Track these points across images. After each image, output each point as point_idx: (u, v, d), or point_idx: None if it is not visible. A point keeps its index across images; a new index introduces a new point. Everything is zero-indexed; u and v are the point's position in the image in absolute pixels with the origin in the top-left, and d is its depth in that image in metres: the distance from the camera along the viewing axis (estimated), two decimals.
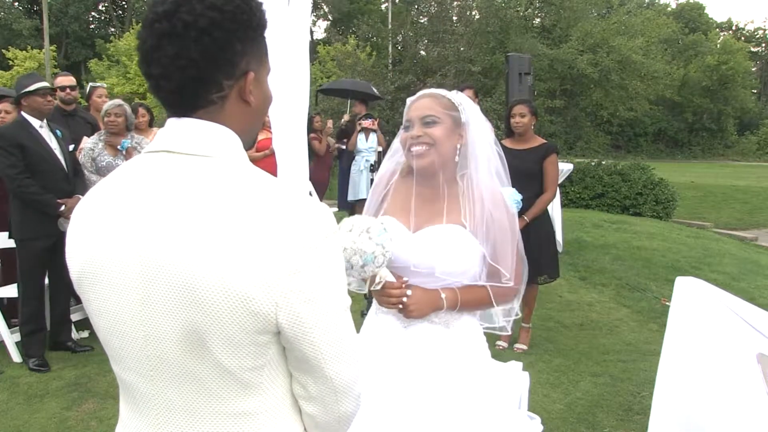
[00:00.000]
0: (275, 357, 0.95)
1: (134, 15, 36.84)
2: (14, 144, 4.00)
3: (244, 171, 0.95)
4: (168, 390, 0.95)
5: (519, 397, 2.04)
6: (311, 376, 0.96)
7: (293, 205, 0.92)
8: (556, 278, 4.59)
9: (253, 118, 1.04)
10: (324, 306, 0.92)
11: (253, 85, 0.99)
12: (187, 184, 0.92)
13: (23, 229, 4.10)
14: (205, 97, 0.96)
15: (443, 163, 1.79)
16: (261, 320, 0.89)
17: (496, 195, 1.81)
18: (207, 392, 0.94)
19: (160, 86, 0.96)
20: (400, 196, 1.87)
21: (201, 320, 0.88)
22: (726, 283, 5.92)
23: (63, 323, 4.43)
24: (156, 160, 0.97)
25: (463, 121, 1.79)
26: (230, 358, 0.91)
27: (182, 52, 0.91)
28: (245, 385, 0.94)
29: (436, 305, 1.75)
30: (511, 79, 7.94)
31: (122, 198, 0.96)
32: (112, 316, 0.96)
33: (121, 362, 1.00)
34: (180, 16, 0.91)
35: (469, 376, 1.79)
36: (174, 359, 0.93)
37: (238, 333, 0.89)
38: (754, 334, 1.88)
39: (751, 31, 50.74)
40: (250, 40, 0.98)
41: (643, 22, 27.65)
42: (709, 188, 16.60)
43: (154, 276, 0.90)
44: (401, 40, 23.76)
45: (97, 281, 0.96)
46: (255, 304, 0.88)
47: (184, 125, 0.97)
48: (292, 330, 0.91)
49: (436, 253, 1.75)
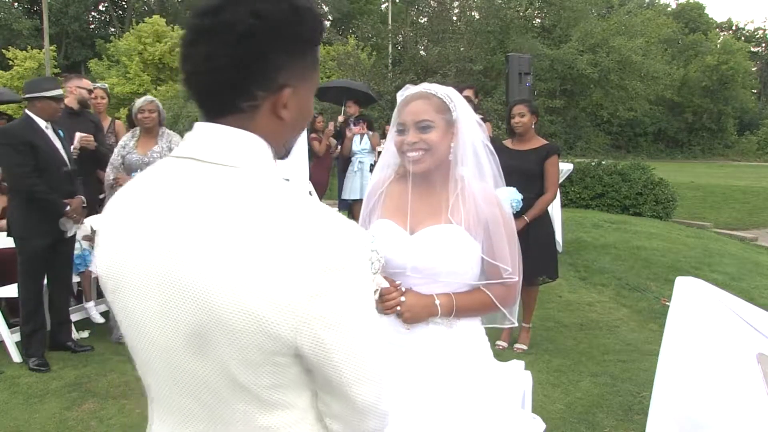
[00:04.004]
0: (297, 376, 0.91)
1: (134, 15, 36.84)
2: (24, 142, 4.01)
3: (270, 185, 0.90)
4: (190, 400, 0.93)
5: (522, 396, 2.04)
6: (333, 396, 0.93)
7: (317, 223, 0.87)
8: (556, 278, 4.60)
9: (285, 133, 0.98)
10: (347, 330, 0.87)
11: (289, 101, 0.93)
12: (209, 196, 0.88)
13: (23, 228, 4.10)
14: (234, 104, 0.91)
15: (438, 163, 1.80)
16: (278, 343, 0.85)
17: (487, 191, 1.81)
18: (227, 406, 0.91)
19: (191, 84, 0.92)
20: (395, 199, 1.86)
21: (217, 337, 0.85)
22: (726, 283, 5.91)
23: (63, 323, 4.43)
24: (182, 166, 0.93)
25: (453, 120, 1.79)
26: (247, 376, 0.88)
27: (213, 54, 0.87)
28: (264, 402, 0.90)
29: (431, 311, 1.75)
30: (511, 79, 7.96)
31: (146, 204, 0.94)
32: (135, 322, 0.94)
33: (145, 368, 0.98)
34: (222, 16, 0.87)
35: (472, 375, 1.79)
36: (193, 371, 0.90)
37: (254, 353, 0.86)
38: (754, 334, 1.88)
39: (751, 31, 50.80)
40: (294, 53, 0.92)
41: (643, 22, 27.66)
42: (709, 188, 16.60)
43: (171, 287, 0.87)
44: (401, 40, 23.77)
45: (120, 286, 0.94)
46: (272, 327, 0.84)
47: (212, 131, 0.93)
48: (313, 355, 0.87)
49: (435, 254, 1.75)
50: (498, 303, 1.81)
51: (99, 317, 5.01)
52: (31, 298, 4.17)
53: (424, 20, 24.32)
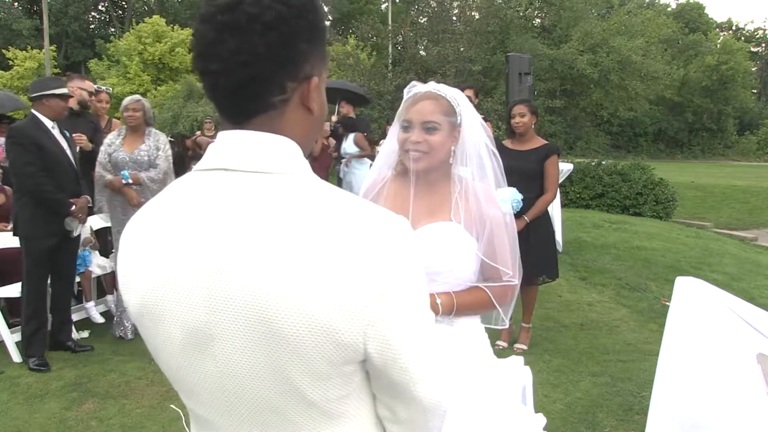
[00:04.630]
0: (360, 384, 0.89)
1: (134, 15, 36.84)
2: (32, 142, 4.03)
3: (314, 187, 0.87)
4: (248, 424, 0.89)
5: (522, 391, 2.04)
6: (400, 400, 0.91)
7: (372, 223, 0.84)
8: (556, 279, 4.60)
9: (313, 127, 0.95)
10: (412, 328, 0.86)
11: (315, 92, 0.91)
12: (253, 206, 0.84)
13: (30, 227, 4.11)
14: (266, 100, 0.87)
15: (440, 163, 1.81)
16: (348, 351, 0.82)
17: (488, 192, 1.81)
18: (290, 425, 0.88)
19: (218, 85, 0.86)
20: (395, 197, 1.86)
21: (282, 354, 0.82)
22: (726, 283, 5.92)
23: (64, 323, 4.43)
24: (213, 179, 0.88)
25: (458, 122, 1.80)
26: (315, 390, 0.84)
27: (245, 47, 0.83)
28: (330, 415, 0.88)
29: (432, 309, 1.75)
30: (511, 79, 7.95)
31: (182, 223, 0.87)
32: (180, 351, 0.88)
33: (194, 398, 0.93)
34: (244, 8, 0.83)
35: (473, 372, 1.80)
36: (252, 394, 0.86)
37: (323, 365, 0.82)
38: (754, 334, 1.88)
39: (751, 31, 50.79)
40: (314, 42, 0.89)
41: (643, 22, 27.69)
42: (709, 188, 16.61)
43: (224, 309, 0.82)
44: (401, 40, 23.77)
45: (161, 314, 0.88)
46: (341, 335, 0.81)
47: (241, 139, 0.88)
48: (381, 358, 0.84)
49: (435, 252, 1.75)
50: (495, 301, 1.82)
51: (99, 317, 5.01)
52: (34, 298, 4.17)
53: (424, 20, 24.30)
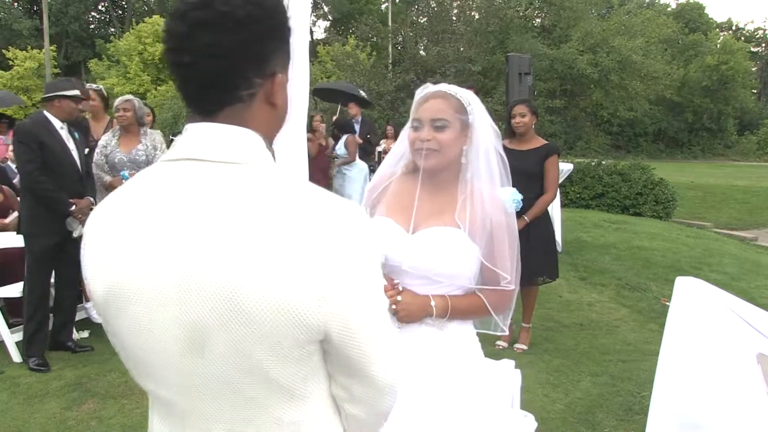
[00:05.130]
0: (318, 364, 0.94)
1: (134, 15, 36.84)
2: (35, 140, 4.06)
3: (279, 177, 0.91)
4: (211, 405, 0.93)
5: (511, 395, 2.04)
6: (356, 379, 0.95)
7: (335, 209, 0.90)
8: (556, 279, 4.60)
9: (276, 122, 1.01)
10: (369, 310, 0.91)
11: (279, 88, 0.97)
12: (220, 195, 0.88)
13: (31, 225, 4.13)
14: (234, 93, 0.92)
15: (449, 163, 1.80)
16: (311, 331, 0.87)
17: (495, 197, 1.81)
18: (253, 404, 0.91)
19: (189, 77, 0.91)
20: (399, 195, 1.86)
21: (248, 335, 0.85)
22: (726, 283, 5.92)
23: (66, 323, 4.43)
24: (182, 168, 0.92)
25: (470, 122, 1.79)
26: (279, 370, 0.89)
27: (217, 41, 0.88)
28: (292, 394, 0.92)
29: (426, 312, 1.76)
30: (511, 79, 7.95)
31: (150, 211, 0.91)
32: (148, 335, 0.91)
33: (157, 380, 0.96)
34: (216, 7, 0.88)
35: (461, 376, 1.80)
36: (218, 374, 0.90)
37: (288, 346, 0.87)
38: (754, 334, 1.88)
39: (751, 31, 50.80)
40: (281, 41, 0.96)
41: (643, 22, 27.67)
42: (709, 188, 16.61)
43: (194, 293, 0.86)
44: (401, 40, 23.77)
45: (129, 300, 0.91)
46: (305, 316, 0.85)
47: (209, 130, 0.92)
48: (340, 337, 0.89)
49: (433, 255, 1.75)
50: (491, 309, 1.81)
51: (99, 317, 5.01)
52: (35, 297, 4.17)
53: (424, 20, 24.29)
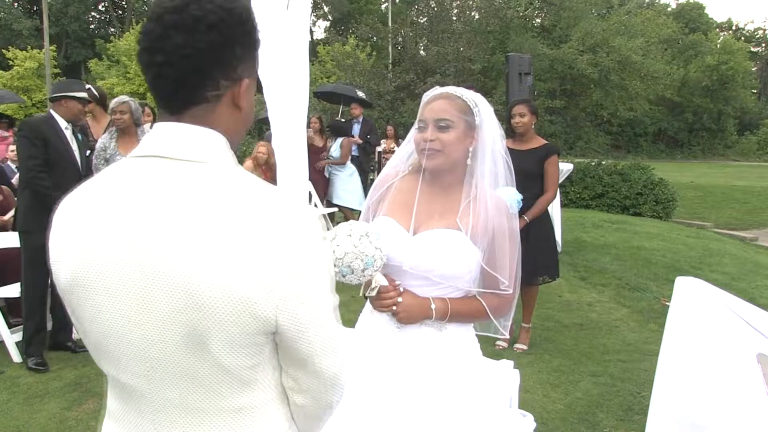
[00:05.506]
0: (269, 355, 0.99)
1: (134, 15, 36.85)
2: (38, 136, 4.09)
3: (239, 176, 0.97)
4: (167, 388, 0.98)
5: (510, 395, 2.04)
6: (304, 370, 1.00)
7: (290, 209, 0.95)
8: (556, 278, 4.59)
9: (240, 125, 1.06)
10: (319, 306, 0.97)
11: (245, 93, 1.03)
12: (184, 190, 0.94)
13: (27, 221, 4.13)
14: (202, 93, 0.98)
15: (453, 164, 1.79)
16: (262, 322, 0.92)
17: (499, 201, 1.81)
18: (206, 390, 0.96)
19: (162, 74, 0.96)
20: (403, 194, 1.86)
21: (202, 323, 0.91)
22: (726, 283, 5.91)
23: (66, 323, 4.42)
24: (147, 164, 0.97)
25: (476, 124, 1.79)
26: (230, 357, 0.94)
27: (189, 42, 0.94)
28: (243, 382, 0.97)
29: (426, 314, 1.76)
30: (511, 79, 7.93)
31: (115, 203, 0.96)
32: (108, 321, 0.97)
33: (116, 364, 1.01)
34: (190, 11, 0.94)
35: (460, 376, 1.80)
36: (173, 360, 0.95)
37: (239, 335, 0.92)
38: (754, 334, 1.88)
39: (751, 31, 50.74)
40: (248, 48, 1.02)
41: (643, 22, 27.67)
42: (709, 188, 16.61)
43: (153, 281, 0.92)
44: (401, 40, 23.77)
45: (92, 287, 0.96)
46: (257, 307, 0.91)
47: (175, 130, 0.98)
48: (290, 330, 0.95)
49: (434, 258, 1.75)
50: (490, 313, 1.82)
51: None
52: (32, 295, 4.17)
53: (424, 20, 24.28)
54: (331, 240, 1.74)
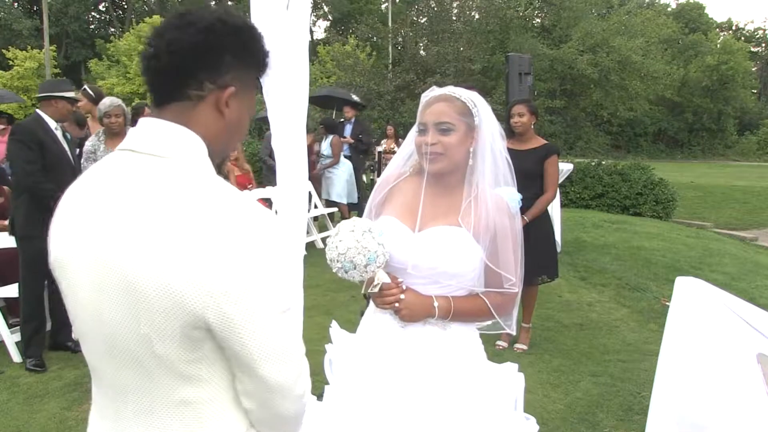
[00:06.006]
0: (212, 351, 1.00)
1: (134, 15, 36.84)
2: (35, 140, 4.04)
3: (196, 174, 1.01)
4: (122, 373, 1.03)
5: (515, 398, 2.03)
6: (245, 373, 1.01)
7: (233, 209, 0.98)
8: (555, 278, 4.59)
9: (223, 132, 1.09)
10: (253, 308, 0.96)
11: (231, 101, 1.06)
12: (140, 184, 0.99)
13: (27, 226, 4.08)
14: (184, 90, 1.04)
15: (456, 166, 1.80)
16: (191, 317, 0.95)
17: (500, 200, 1.81)
18: (151, 379, 1.01)
19: (149, 67, 1.04)
20: (406, 195, 1.86)
21: (141, 313, 0.96)
22: (726, 283, 5.91)
23: (66, 323, 4.42)
24: (121, 158, 1.05)
25: (476, 124, 1.79)
26: (166, 349, 0.97)
27: (177, 40, 1.02)
28: (183, 375, 1.00)
29: (429, 311, 1.76)
30: (511, 79, 7.93)
31: (88, 196, 1.05)
32: (76, 305, 1.06)
33: (85, 345, 1.10)
34: (188, 17, 1.04)
35: (464, 377, 1.79)
36: (123, 347, 1.00)
37: (171, 327, 0.96)
38: (754, 334, 1.88)
39: (751, 31, 50.75)
40: (241, 59, 1.07)
41: (643, 22, 27.67)
42: (709, 188, 16.61)
43: (103, 271, 0.98)
44: (401, 40, 23.77)
45: (64, 273, 1.06)
46: (186, 301, 0.94)
47: (151, 125, 1.04)
48: (220, 329, 0.96)
49: (438, 254, 1.75)
50: (494, 311, 1.81)
51: None
52: (32, 299, 4.16)
53: (424, 20, 24.28)
54: (334, 236, 1.76)
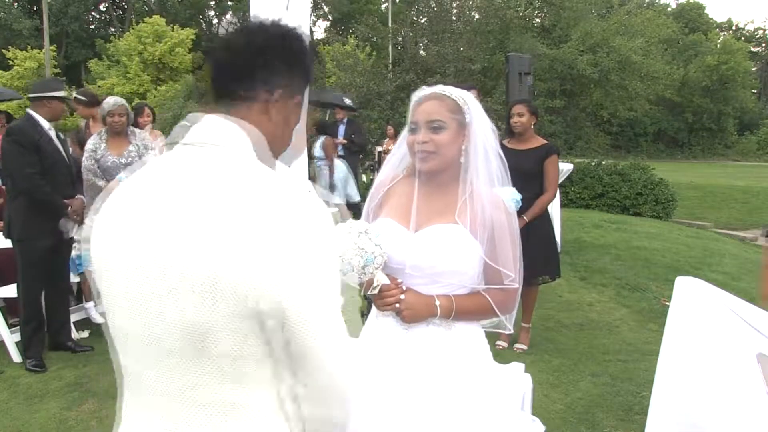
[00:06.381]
0: (264, 350, 0.97)
1: (134, 15, 36.83)
2: (31, 142, 4.00)
3: (249, 162, 1.01)
4: (166, 377, 1.00)
5: (522, 398, 2.03)
6: (305, 371, 0.99)
7: (296, 199, 0.97)
8: (556, 278, 4.59)
9: (270, 135, 1.10)
10: (321, 299, 0.96)
11: (278, 107, 1.10)
12: (194, 176, 0.99)
13: (25, 229, 4.07)
14: (236, 89, 1.08)
15: (448, 165, 1.80)
16: (243, 310, 0.92)
17: (495, 197, 1.81)
18: (198, 381, 0.98)
19: (208, 65, 1.09)
20: (401, 197, 1.86)
21: (200, 309, 0.93)
22: (726, 283, 5.91)
23: (64, 324, 4.42)
24: (175, 152, 1.06)
25: (467, 122, 1.79)
26: (215, 345, 0.94)
27: (235, 39, 1.08)
28: (231, 374, 0.97)
29: (431, 311, 1.75)
30: (511, 79, 7.93)
31: (144, 188, 1.03)
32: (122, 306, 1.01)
33: (127, 351, 1.05)
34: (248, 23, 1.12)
35: (471, 377, 1.79)
36: (172, 347, 0.97)
37: (221, 322, 0.93)
38: (754, 334, 1.88)
39: (751, 31, 50.80)
40: (290, 69, 1.11)
41: (643, 22, 27.63)
42: (709, 188, 16.62)
43: (153, 262, 0.96)
44: (401, 40, 23.77)
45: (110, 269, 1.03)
46: (237, 294, 0.91)
47: (204, 119, 1.07)
48: (275, 317, 0.94)
49: (436, 253, 1.75)
50: (497, 308, 1.81)
51: (99, 317, 5.00)
52: (32, 300, 4.15)
53: (424, 20, 24.26)
54: None
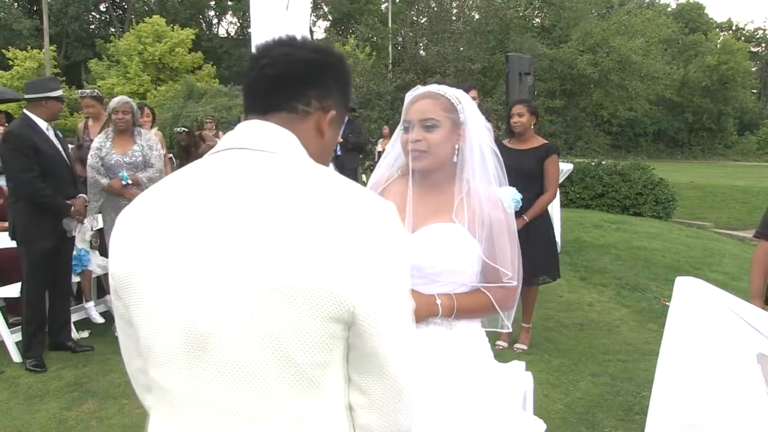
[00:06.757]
0: (341, 357, 0.95)
1: (134, 15, 36.83)
2: (30, 146, 3.96)
3: (314, 167, 1.01)
4: (221, 392, 0.93)
5: (523, 397, 2.03)
6: (376, 375, 0.96)
7: (369, 201, 0.98)
8: (556, 278, 4.59)
9: (319, 152, 1.08)
10: (396, 301, 0.96)
11: (330, 125, 1.09)
12: (261, 178, 0.95)
13: (28, 231, 4.06)
14: (291, 102, 1.04)
15: (442, 163, 1.79)
16: (338, 307, 0.90)
17: (492, 194, 1.81)
18: (267, 393, 0.92)
19: (262, 74, 1.04)
20: (395, 197, 1.85)
21: (278, 313, 0.89)
22: (726, 283, 5.91)
23: (64, 324, 4.42)
24: (224, 157, 1.00)
25: (461, 121, 1.79)
26: (302, 352, 0.90)
27: (294, 51, 1.05)
28: (309, 383, 0.93)
29: (432, 310, 1.75)
30: (511, 79, 7.94)
31: (188, 195, 0.97)
32: (164, 316, 0.95)
33: (164, 365, 0.97)
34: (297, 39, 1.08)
35: (473, 377, 1.79)
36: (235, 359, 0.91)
37: (314, 326, 0.90)
38: (754, 334, 1.88)
39: (751, 31, 50.80)
40: (339, 87, 1.10)
41: (643, 22, 27.62)
42: (709, 188, 16.62)
43: (223, 268, 0.90)
44: (401, 40, 23.77)
45: (154, 281, 0.95)
46: (335, 297, 0.89)
47: (254, 125, 1.03)
48: (364, 321, 0.92)
49: (435, 252, 1.75)
50: (497, 306, 1.81)
51: (99, 317, 5.01)
52: (35, 300, 4.15)
53: (424, 20, 24.27)
54: None
